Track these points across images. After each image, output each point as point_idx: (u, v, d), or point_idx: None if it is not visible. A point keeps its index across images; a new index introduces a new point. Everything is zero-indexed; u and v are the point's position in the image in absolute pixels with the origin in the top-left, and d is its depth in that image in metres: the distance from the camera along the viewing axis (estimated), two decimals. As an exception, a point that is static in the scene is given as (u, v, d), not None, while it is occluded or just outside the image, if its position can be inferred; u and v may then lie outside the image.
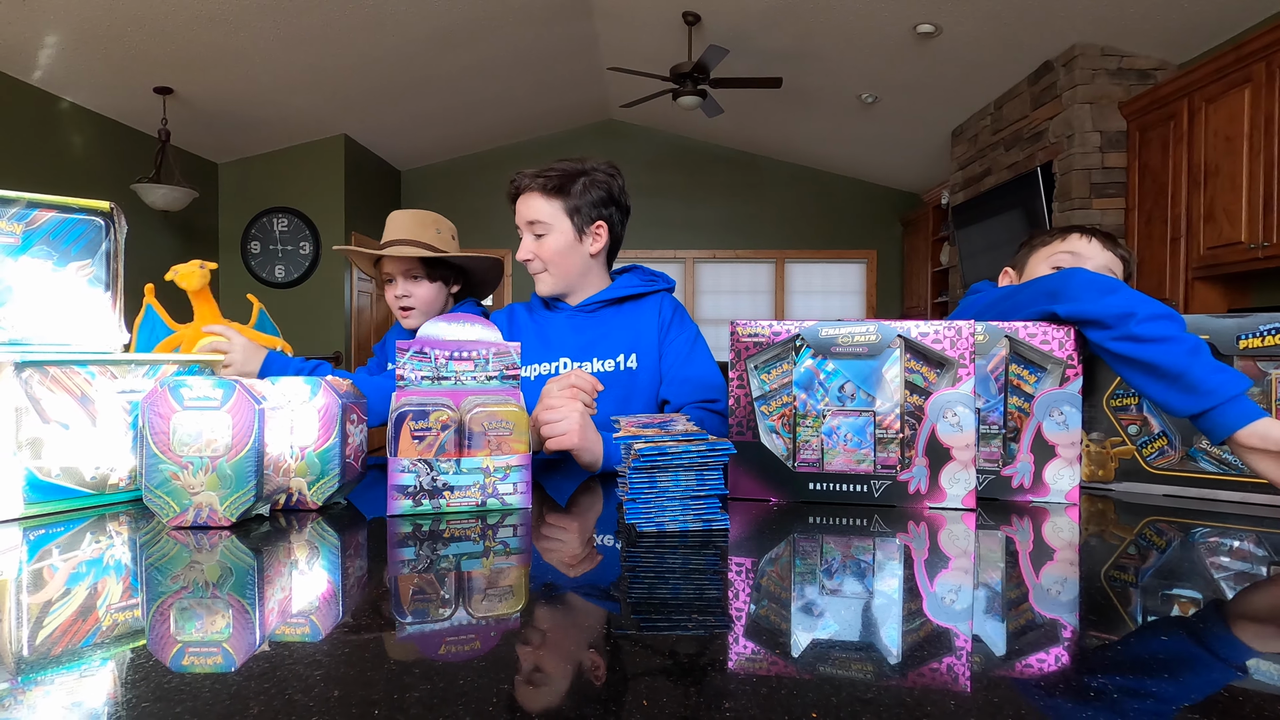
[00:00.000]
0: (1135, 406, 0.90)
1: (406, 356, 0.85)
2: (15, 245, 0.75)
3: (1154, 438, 0.90)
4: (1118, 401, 0.91)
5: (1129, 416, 0.90)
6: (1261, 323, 0.85)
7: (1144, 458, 0.90)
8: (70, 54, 3.85)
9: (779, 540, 0.70)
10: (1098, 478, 0.91)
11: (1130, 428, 0.90)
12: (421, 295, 1.50)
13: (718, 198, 6.71)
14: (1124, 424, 0.90)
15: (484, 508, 0.78)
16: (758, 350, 0.85)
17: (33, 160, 4.08)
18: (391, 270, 1.50)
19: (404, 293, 1.48)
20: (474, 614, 0.51)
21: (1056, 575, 0.59)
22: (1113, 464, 0.91)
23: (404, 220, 1.55)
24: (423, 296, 1.50)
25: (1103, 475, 0.91)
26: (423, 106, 5.30)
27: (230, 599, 0.53)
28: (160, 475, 0.68)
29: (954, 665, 0.42)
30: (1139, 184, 3.64)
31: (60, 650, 0.44)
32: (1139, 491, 0.89)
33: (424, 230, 1.52)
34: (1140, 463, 0.90)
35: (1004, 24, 3.72)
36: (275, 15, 3.78)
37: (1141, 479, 0.90)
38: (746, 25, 4.21)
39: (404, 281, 1.49)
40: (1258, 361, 0.85)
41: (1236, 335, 0.86)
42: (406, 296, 1.48)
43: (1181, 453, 0.88)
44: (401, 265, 1.50)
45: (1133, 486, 0.90)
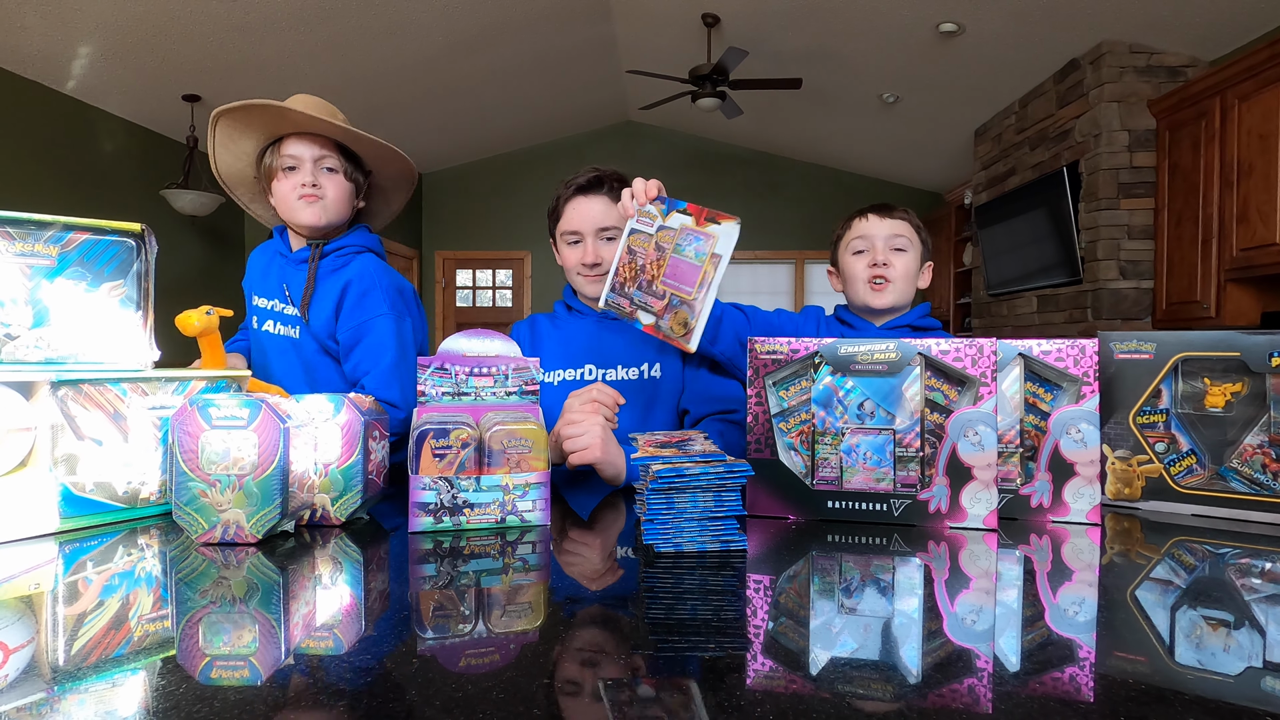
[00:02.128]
0: (1163, 424, 0.89)
1: (428, 372, 0.87)
2: (51, 267, 0.78)
3: (1182, 456, 0.88)
4: (1145, 419, 0.89)
5: (1156, 434, 0.89)
6: None
7: (1172, 476, 0.88)
8: (102, 64, 3.95)
9: (797, 559, 0.70)
10: (1124, 496, 0.90)
11: (1158, 445, 0.89)
12: (333, 190, 1.20)
13: (737, 199, 6.68)
14: (1151, 441, 0.89)
15: (503, 525, 0.78)
16: (776, 367, 0.85)
17: (67, 167, 4.18)
18: (300, 153, 1.19)
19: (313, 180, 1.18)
20: (493, 630, 0.51)
21: (1078, 597, 0.58)
22: (1139, 482, 0.89)
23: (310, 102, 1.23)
24: (334, 193, 1.20)
25: (1129, 494, 0.90)
26: (443, 111, 5.34)
27: (257, 614, 0.54)
28: (189, 492, 0.70)
29: (975, 687, 0.42)
30: (1168, 184, 3.57)
31: (94, 661, 0.46)
32: (1167, 511, 0.88)
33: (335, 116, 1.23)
34: (1168, 481, 0.88)
35: (1029, 22, 3.66)
36: (299, 24, 3.84)
37: (1169, 498, 0.88)
38: (766, 26, 4.19)
39: (313, 169, 1.18)
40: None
41: (1269, 352, 0.84)
42: (315, 186, 1.18)
43: (1211, 471, 0.87)
44: (314, 148, 1.19)
45: (1160, 506, 0.88)
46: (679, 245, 0.96)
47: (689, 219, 0.97)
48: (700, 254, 0.95)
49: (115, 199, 4.47)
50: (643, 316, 0.98)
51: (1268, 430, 0.84)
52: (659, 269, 0.97)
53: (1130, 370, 0.90)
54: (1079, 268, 3.88)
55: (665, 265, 0.97)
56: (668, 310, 0.95)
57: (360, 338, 1.19)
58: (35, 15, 3.43)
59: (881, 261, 1.26)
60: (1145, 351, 0.89)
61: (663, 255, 0.97)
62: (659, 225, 0.99)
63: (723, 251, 0.94)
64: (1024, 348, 0.84)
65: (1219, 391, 0.87)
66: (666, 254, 0.97)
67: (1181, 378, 0.89)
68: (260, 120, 1.17)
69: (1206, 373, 0.87)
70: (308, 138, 1.19)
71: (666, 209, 0.99)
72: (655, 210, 1.00)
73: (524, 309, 6.73)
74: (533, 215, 6.50)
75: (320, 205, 1.20)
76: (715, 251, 0.94)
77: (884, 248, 1.27)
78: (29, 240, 0.77)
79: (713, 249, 0.94)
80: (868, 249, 1.29)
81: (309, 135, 1.19)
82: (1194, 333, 0.88)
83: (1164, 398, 0.89)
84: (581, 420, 0.95)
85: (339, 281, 1.21)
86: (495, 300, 6.87)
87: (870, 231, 1.29)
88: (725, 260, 0.94)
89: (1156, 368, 0.88)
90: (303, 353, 1.25)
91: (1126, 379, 0.90)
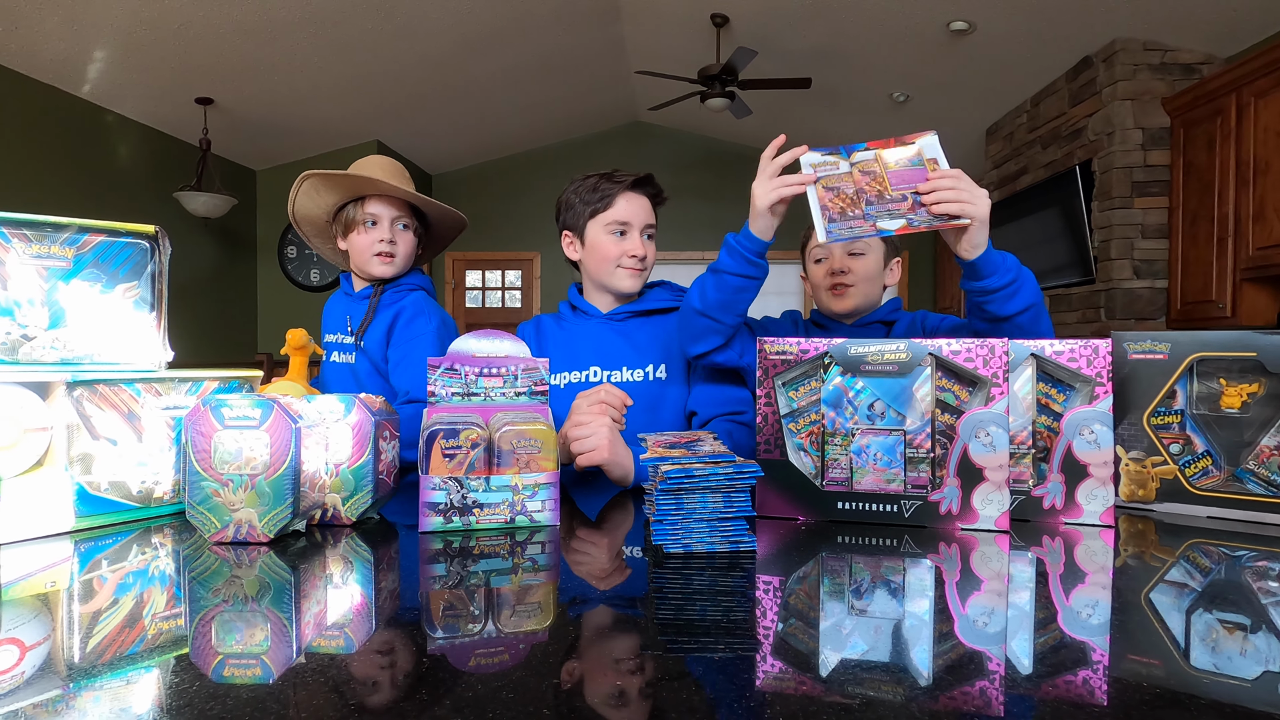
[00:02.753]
0: (1177, 425, 0.88)
1: (438, 373, 0.87)
2: (67, 269, 0.79)
3: (1198, 457, 0.87)
4: (1159, 420, 0.88)
5: (1171, 435, 0.88)
6: None
7: (1187, 478, 0.87)
8: (117, 68, 3.99)
9: (807, 560, 0.69)
10: (1138, 498, 0.89)
11: (1172, 446, 0.88)
12: (404, 246, 1.41)
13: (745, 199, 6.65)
14: (1165, 443, 0.88)
15: (513, 525, 0.79)
16: (785, 368, 0.85)
17: (82, 170, 4.23)
18: (380, 213, 1.38)
19: (392, 238, 1.39)
20: (502, 629, 0.52)
21: (1092, 599, 0.58)
22: (1154, 484, 0.88)
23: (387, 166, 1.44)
24: (405, 249, 1.41)
25: (1143, 495, 0.89)
26: (453, 112, 5.37)
27: (269, 612, 0.55)
28: (202, 492, 0.71)
29: (987, 690, 0.42)
30: (1183, 182, 3.53)
31: (109, 658, 0.46)
32: (1181, 513, 0.87)
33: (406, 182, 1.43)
34: (1183, 483, 0.87)
35: (1041, 20, 3.63)
36: (310, 26, 3.86)
37: (1184, 500, 0.87)
38: (775, 25, 4.18)
39: (391, 227, 1.39)
40: None
41: None
42: (393, 243, 1.39)
43: (1227, 473, 0.86)
44: (394, 210, 1.40)
45: (1175, 507, 0.87)
46: (886, 162, 0.94)
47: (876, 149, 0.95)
48: (915, 160, 0.93)
49: (129, 201, 4.52)
50: (888, 224, 0.92)
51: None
52: (882, 184, 0.93)
53: (1144, 371, 0.89)
54: (1092, 267, 3.84)
55: (887, 178, 0.93)
56: (917, 206, 0.92)
57: (408, 354, 1.34)
58: (54, 20, 3.47)
59: (839, 269, 1.27)
60: (1160, 352, 0.88)
61: (875, 175, 0.94)
62: (849, 163, 0.96)
63: (935, 155, 0.92)
64: (1036, 348, 0.84)
65: (1235, 392, 0.86)
66: (880, 171, 0.94)
67: (1197, 378, 0.88)
68: (351, 183, 1.37)
69: (1222, 373, 0.86)
70: (388, 199, 1.39)
71: (845, 152, 0.97)
72: (832, 158, 0.97)
73: (533, 309, 6.75)
74: (542, 216, 6.51)
75: (393, 262, 1.40)
76: (928, 156, 0.92)
77: (841, 254, 1.28)
78: (45, 242, 0.78)
79: (925, 155, 0.92)
80: (825, 256, 1.30)
81: (389, 197, 1.39)
82: (1210, 333, 0.87)
83: (1179, 399, 0.88)
84: (589, 421, 0.95)
85: (393, 310, 1.39)
86: (504, 301, 6.89)
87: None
88: (943, 163, 0.92)
89: (1171, 368, 0.87)
90: (358, 375, 1.40)
91: (1140, 380, 0.89)
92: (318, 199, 1.40)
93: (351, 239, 1.40)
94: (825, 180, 0.96)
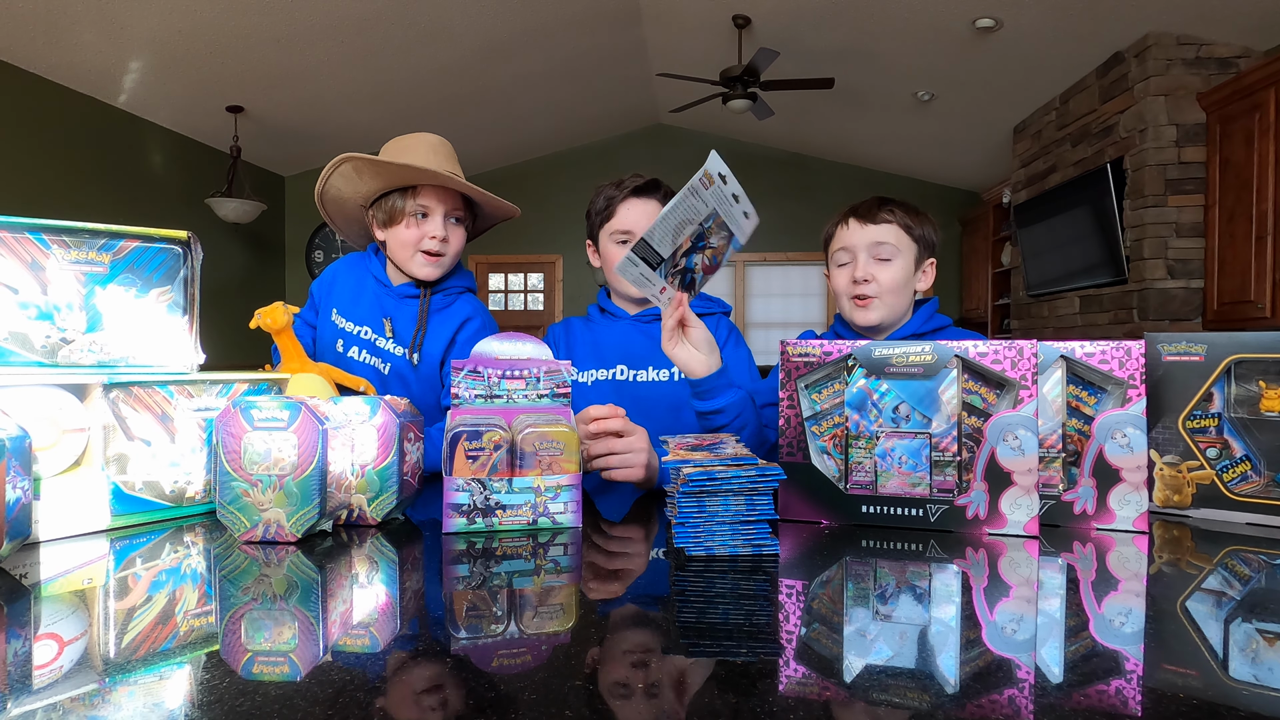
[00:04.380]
0: (1214, 429, 0.85)
1: (461, 375, 0.88)
2: (104, 274, 0.81)
3: (1236, 462, 0.84)
4: (1195, 423, 0.86)
5: (1207, 439, 0.86)
6: None
7: (1225, 483, 0.85)
8: (151, 78, 4.10)
9: (830, 564, 0.69)
10: (1173, 503, 0.87)
11: (1209, 451, 0.85)
12: (454, 244, 1.25)
13: (768, 200, 6.64)
14: (1202, 447, 0.86)
15: (535, 526, 0.79)
16: (808, 370, 0.84)
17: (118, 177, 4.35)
18: (432, 205, 1.21)
19: (445, 235, 1.23)
20: (525, 630, 0.52)
21: (1125, 607, 0.56)
22: (1190, 489, 0.86)
23: (440, 148, 1.25)
24: (455, 246, 1.25)
25: (1178, 500, 0.86)
26: (476, 116, 5.42)
27: (296, 611, 0.56)
28: (232, 492, 0.72)
29: (1016, 698, 0.41)
30: (1219, 179, 3.44)
31: (142, 654, 0.47)
32: (1219, 519, 0.84)
33: (454, 155, 1.26)
34: (1220, 488, 0.85)
35: (1070, 15, 3.57)
36: (337, 35, 3.93)
37: (1222, 505, 0.85)
38: (797, 26, 4.16)
39: (444, 222, 1.22)
40: None
41: None
42: (444, 241, 1.23)
43: (1268, 478, 0.83)
44: (447, 202, 1.22)
45: (1212, 514, 0.85)
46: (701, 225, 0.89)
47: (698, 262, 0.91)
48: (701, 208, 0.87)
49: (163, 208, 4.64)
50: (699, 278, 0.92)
51: None
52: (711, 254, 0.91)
53: (1179, 373, 0.86)
54: (1124, 267, 3.76)
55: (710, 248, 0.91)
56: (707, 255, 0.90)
57: None
58: (91, 33, 3.58)
59: (862, 277, 1.14)
60: (1196, 354, 0.86)
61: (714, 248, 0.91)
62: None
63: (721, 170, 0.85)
64: (1066, 350, 0.82)
65: (1276, 395, 0.83)
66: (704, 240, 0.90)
67: (1235, 381, 0.85)
68: (405, 173, 1.19)
69: (1261, 375, 0.84)
70: (442, 190, 1.22)
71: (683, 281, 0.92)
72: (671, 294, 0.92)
73: (555, 312, 6.78)
74: (564, 219, 6.55)
75: (440, 263, 1.24)
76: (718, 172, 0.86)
77: (866, 259, 1.14)
78: (83, 248, 0.80)
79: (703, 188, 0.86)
80: (850, 260, 1.17)
81: (444, 188, 1.22)
82: (1248, 334, 0.84)
83: (1216, 401, 0.86)
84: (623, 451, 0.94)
85: (452, 318, 1.26)
86: (527, 303, 6.93)
87: (851, 241, 1.16)
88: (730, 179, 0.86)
89: (1208, 370, 0.85)
90: (387, 386, 1.27)
91: (1175, 382, 0.86)
92: (359, 183, 1.23)
93: (396, 231, 1.22)
94: None
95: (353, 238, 1.37)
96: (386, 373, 1.27)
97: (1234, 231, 3.35)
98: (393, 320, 1.27)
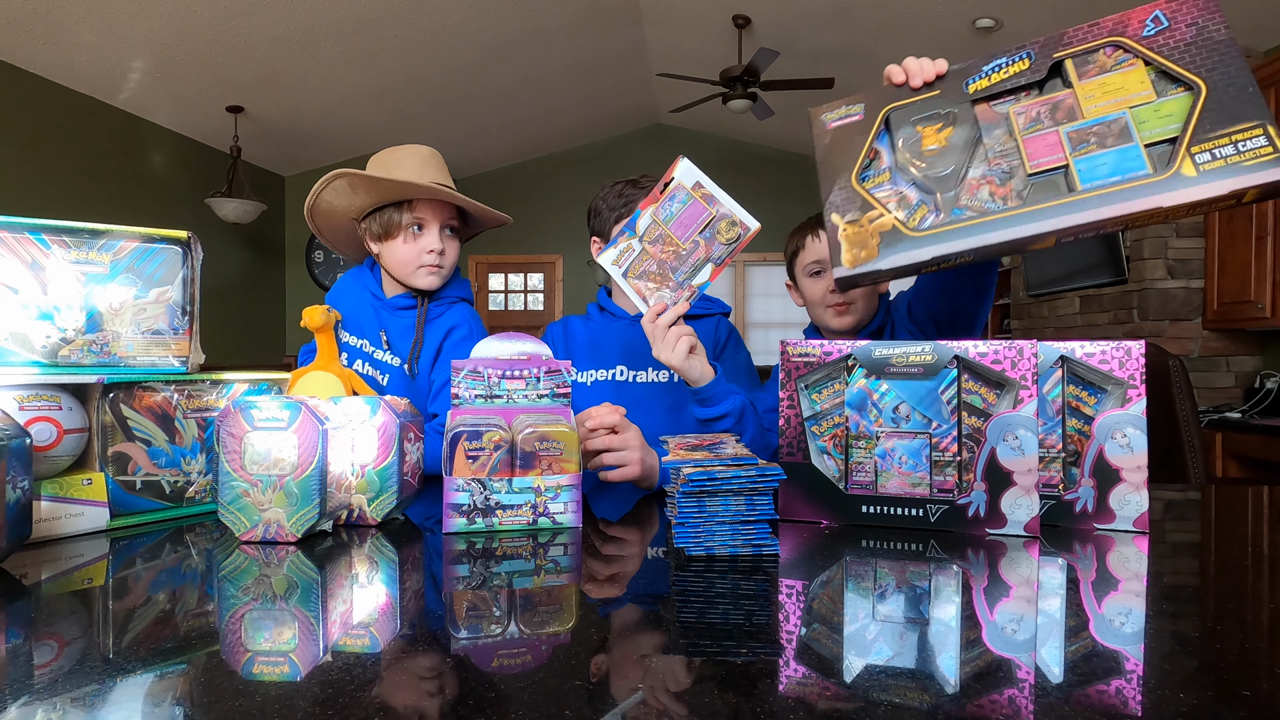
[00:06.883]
0: (888, 183, 0.86)
1: (461, 375, 0.88)
2: (104, 274, 0.81)
3: (914, 208, 0.84)
4: (870, 183, 0.86)
5: (885, 194, 0.86)
6: (983, 62, 0.85)
7: (907, 226, 0.84)
8: (151, 77, 4.10)
9: (831, 564, 0.69)
10: (862, 260, 0.83)
11: (890, 204, 0.85)
12: (451, 255, 1.28)
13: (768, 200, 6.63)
14: (882, 201, 0.86)
15: (535, 526, 0.79)
16: (808, 370, 0.84)
17: (118, 177, 4.35)
18: (428, 218, 1.23)
19: (442, 248, 1.25)
20: (525, 631, 0.52)
21: (1125, 607, 0.56)
22: (875, 240, 0.84)
23: (431, 161, 1.27)
24: (451, 257, 1.28)
25: (866, 255, 0.83)
26: (475, 117, 5.42)
27: (296, 611, 0.56)
28: (232, 492, 0.72)
29: (1016, 698, 0.41)
30: (1219, 179, 3.44)
31: (142, 654, 0.47)
32: (906, 263, 0.82)
33: (445, 168, 1.28)
34: (902, 229, 0.83)
35: (1068, 15, 3.57)
36: (338, 35, 3.93)
37: (906, 246, 0.83)
38: (797, 26, 4.16)
39: (440, 234, 1.24)
40: (992, 104, 0.83)
41: (964, 81, 0.85)
42: (442, 254, 1.25)
43: (946, 214, 0.83)
44: (442, 215, 1.24)
45: (899, 258, 0.83)
46: (660, 219, 0.95)
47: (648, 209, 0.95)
48: (683, 199, 0.94)
49: (163, 207, 4.64)
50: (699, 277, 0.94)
51: (985, 159, 0.83)
52: (673, 243, 0.94)
53: (843, 135, 0.89)
54: (1124, 267, 3.76)
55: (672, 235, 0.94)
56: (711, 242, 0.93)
57: None
58: (92, 34, 3.58)
59: None
60: (855, 114, 0.89)
61: (663, 238, 0.94)
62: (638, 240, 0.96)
63: (696, 179, 0.94)
64: (1066, 350, 0.82)
65: (933, 133, 0.86)
66: (665, 232, 0.94)
67: (895, 131, 0.87)
68: (399, 188, 1.20)
69: (917, 120, 0.86)
70: (437, 203, 1.24)
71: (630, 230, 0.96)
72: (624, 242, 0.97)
73: (555, 312, 6.78)
74: (564, 219, 6.55)
75: (440, 274, 1.27)
76: (689, 185, 0.94)
77: None
78: (83, 248, 0.80)
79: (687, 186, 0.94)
80: (823, 269, 1.22)
81: (438, 201, 1.24)
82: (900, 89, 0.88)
83: (884, 158, 0.88)
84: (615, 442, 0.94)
85: (441, 326, 1.28)
86: (527, 303, 6.93)
87: (823, 253, 1.20)
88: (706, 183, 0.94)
89: (868, 127, 0.87)
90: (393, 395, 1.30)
91: (841, 143, 0.88)
92: (352, 197, 1.24)
93: (392, 245, 1.24)
94: (632, 270, 0.96)
95: (342, 249, 1.38)
96: (385, 384, 1.29)
97: (1234, 231, 3.35)
98: (388, 332, 1.29)
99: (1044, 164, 0.79)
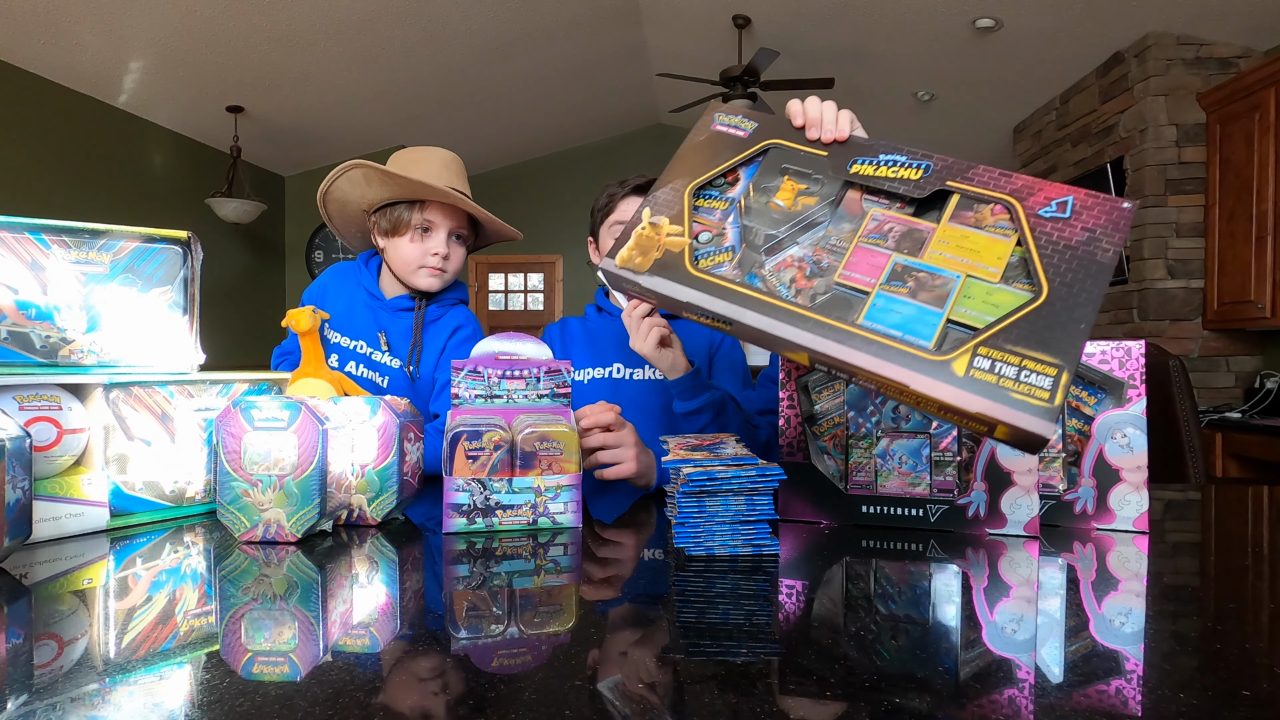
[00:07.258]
0: (722, 212, 0.76)
1: (461, 375, 0.88)
2: (104, 274, 0.81)
3: (720, 251, 0.74)
4: (705, 202, 0.77)
5: (708, 223, 0.76)
6: (884, 149, 0.75)
7: (694, 259, 0.74)
8: (151, 77, 4.10)
9: (831, 564, 0.69)
10: (631, 265, 0.74)
11: (702, 235, 0.76)
12: (455, 261, 1.27)
13: (768, 200, 6.64)
14: (698, 229, 0.77)
15: (535, 526, 0.79)
16: (809, 370, 0.84)
17: (118, 177, 4.35)
18: (438, 221, 1.23)
19: (446, 252, 1.25)
20: (525, 631, 0.52)
21: (1125, 607, 0.56)
22: (656, 254, 0.74)
23: (452, 165, 1.27)
24: (455, 263, 1.28)
25: (639, 263, 0.74)
26: (476, 117, 5.42)
27: (296, 611, 0.56)
28: (232, 492, 0.72)
29: (1016, 698, 0.41)
30: (1219, 179, 3.44)
31: (142, 654, 0.47)
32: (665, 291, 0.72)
33: (463, 171, 1.28)
34: (685, 263, 0.73)
35: (1070, 15, 3.57)
36: (338, 35, 3.93)
37: (675, 278, 0.72)
38: (797, 26, 4.16)
39: (447, 239, 1.25)
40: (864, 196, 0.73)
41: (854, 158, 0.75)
42: (446, 258, 1.25)
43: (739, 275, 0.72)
44: (452, 220, 1.24)
45: (661, 283, 0.73)
46: None
47: None
48: None
49: (163, 207, 4.63)
50: None
51: (815, 244, 0.72)
52: None
53: (718, 142, 0.80)
54: (1124, 267, 3.76)
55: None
56: None
57: None
58: (91, 34, 3.58)
59: None
60: (744, 129, 0.80)
61: None
62: None
63: None
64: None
65: (791, 190, 0.76)
66: None
67: (764, 168, 0.78)
68: (414, 187, 1.20)
69: (791, 167, 0.78)
70: (449, 207, 1.24)
71: None
72: None
73: (555, 312, 6.78)
74: (564, 219, 6.55)
75: (442, 277, 1.26)
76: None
77: None
78: (83, 248, 0.80)
79: None
80: None
81: (450, 206, 1.24)
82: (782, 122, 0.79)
83: (738, 187, 0.78)
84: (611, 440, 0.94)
85: (445, 327, 1.28)
86: (527, 303, 6.93)
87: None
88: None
89: (744, 148, 0.79)
90: None
91: (709, 148, 0.80)
92: (366, 189, 1.23)
93: (398, 242, 1.24)
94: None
95: (349, 239, 1.38)
96: (385, 386, 1.27)
97: (1234, 231, 3.35)
98: (387, 334, 1.28)
99: (853, 280, 0.68)
